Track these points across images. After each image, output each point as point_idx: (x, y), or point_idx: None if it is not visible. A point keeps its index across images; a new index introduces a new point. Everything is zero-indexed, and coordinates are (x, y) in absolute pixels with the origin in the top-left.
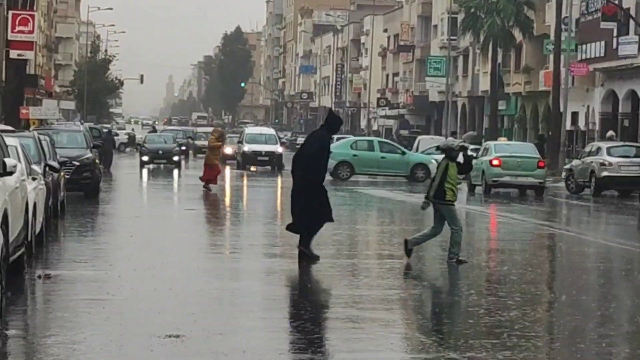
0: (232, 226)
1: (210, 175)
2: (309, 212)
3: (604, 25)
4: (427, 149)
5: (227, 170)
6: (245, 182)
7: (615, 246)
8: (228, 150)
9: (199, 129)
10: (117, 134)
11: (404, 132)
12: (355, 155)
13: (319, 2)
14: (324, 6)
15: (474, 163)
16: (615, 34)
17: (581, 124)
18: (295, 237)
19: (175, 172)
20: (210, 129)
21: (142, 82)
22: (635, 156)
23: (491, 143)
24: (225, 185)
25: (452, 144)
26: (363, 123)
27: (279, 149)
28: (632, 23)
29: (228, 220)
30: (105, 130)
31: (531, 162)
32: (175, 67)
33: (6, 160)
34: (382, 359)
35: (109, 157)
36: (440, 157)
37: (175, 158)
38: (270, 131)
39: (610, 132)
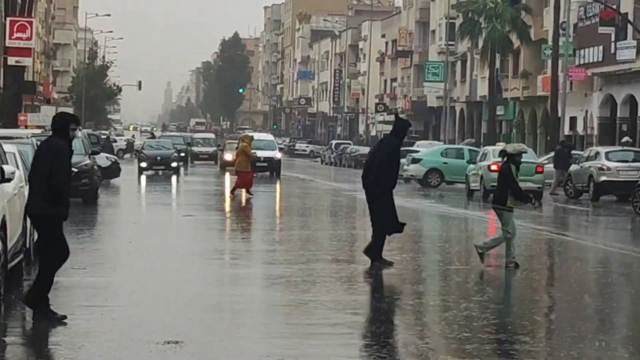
0: (231, 232)
1: (245, 180)
2: (379, 221)
3: (601, 30)
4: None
5: (227, 176)
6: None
7: (615, 251)
8: (228, 156)
9: (197, 135)
10: (115, 140)
11: None
12: (445, 163)
13: (316, 7)
14: (321, 12)
15: (471, 168)
16: (613, 38)
17: (579, 128)
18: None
19: (174, 178)
20: (209, 135)
21: (140, 88)
22: (634, 161)
23: (489, 148)
24: (224, 191)
25: (520, 149)
26: (361, 128)
27: (277, 154)
28: (630, 28)
29: (227, 226)
30: (103, 136)
31: (529, 167)
32: (173, 74)
33: (4, 167)
34: None
35: None
36: None
37: (174, 164)
38: (269, 137)
39: (626, 138)
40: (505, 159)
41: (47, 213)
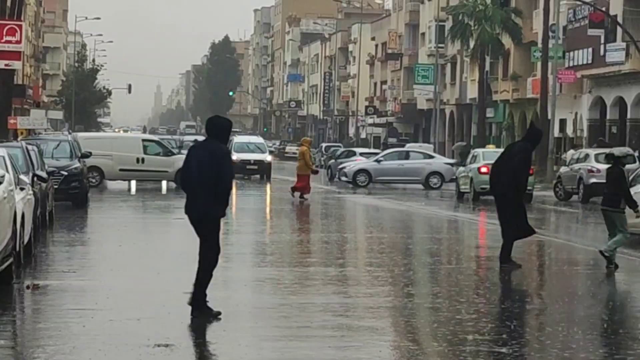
0: (221, 235)
1: (304, 183)
2: (510, 225)
3: (591, 32)
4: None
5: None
6: (234, 190)
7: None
8: None
9: (186, 138)
10: None
11: (392, 140)
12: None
13: (306, 10)
14: (311, 15)
15: (461, 170)
16: (602, 41)
17: (569, 130)
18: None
19: (164, 181)
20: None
21: (130, 91)
22: None
23: (479, 150)
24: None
25: (627, 151)
26: (351, 131)
27: (267, 157)
28: (619, 30)
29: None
30: None
31: None
32: (163, 77)
33: None
34: None
35: None
36: None
37: None
38: (259, 140)
39: (600, 139)
40: (613, 162)
41: (214, 215)
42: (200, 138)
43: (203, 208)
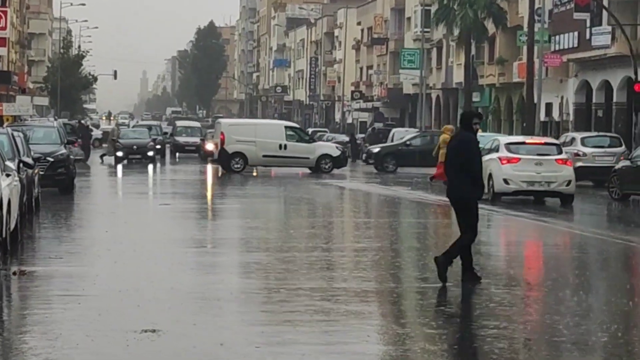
0: (207, 220)
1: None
2: None
3: (577, 16)
4: None
5: (209, 167)
6: (223, 177)
7: (591, 236)
8: (209, 146)
9: (180, 123)
10: (91, 130)
11: (379, 125)
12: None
13: None
14: (297, 0)
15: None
16: (588, 24)
17: (555, 114)
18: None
19: (150, 167)
20: (194, 124)
21: (115, 77)
22: (610, 146)
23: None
24: (205, 181)
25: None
26: (337, 116)
27: None
28: (605, 13)
29: (203, 214)
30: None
31: None
32: (149, 62)
33: None
34: (359, 352)
35: (86, 152)
36: None
37: (150, 153)
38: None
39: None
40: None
41: (469, 196)
42: (185, 123)
43: (457, 191)
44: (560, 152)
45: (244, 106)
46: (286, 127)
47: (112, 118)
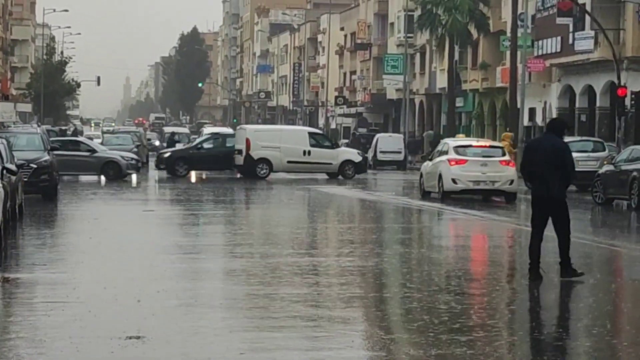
0: (191, 227)
1: None
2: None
3: (559, 20)
4: None
5: (192, 173)
6: (206, 183)
7: (574, 241)
8: None
9: (168, 130)
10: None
11: (362, 130)
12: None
13: (275, 1)
14: (280, 5)
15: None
16: (571, 29)
17: (539, 119)
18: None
19: (134, 175)
20: (182, 130)
21: (99, 83)
22: (593, 151)
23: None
24: (189, 186)
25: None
26: (321, 122)
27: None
28: (587, 18)
29: (188, 220)
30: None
31: None
32: (132, 69)
33: None
34: (344, 357)
35: None
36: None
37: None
38: (229, 131)
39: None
40: None
41: (564, 196)
42: (181, 130)
43: (556, 190)
44: (503, 154)
45: (227, 112)
46: (310, 133)
47: (92, 125)
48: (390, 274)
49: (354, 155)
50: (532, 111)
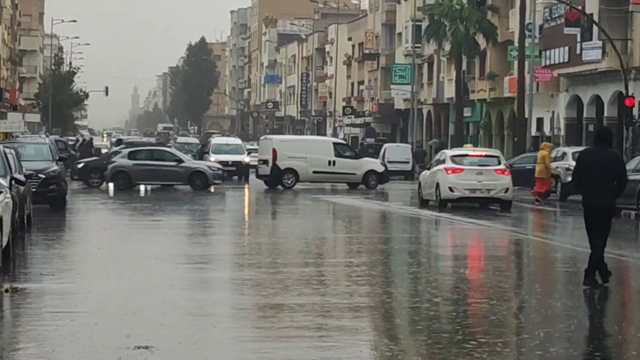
0: (200, 237)
1: (542, 186)
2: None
3: (567, 31)
4: None
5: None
6: (212, 192)
7: (582, 250)
8: (246, 160)
9: (218, 141)
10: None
11: (370, 140)
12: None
13: (283, 11)
14: (288, 15)
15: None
16: (578, 39)
17: (546, 129)
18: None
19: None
20: (236, 141)
21: (107, 94)
22: None
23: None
24: (195, 197)
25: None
26: (329, 132)
27: (245, 158)
28: (595, 28)
29: (196, 230)
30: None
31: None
32: (140, 79)
33: None
34: None
35: None
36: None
37: None
38: (237, 141)
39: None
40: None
41: (613, 205)
42: (222, 140)
43: (604, 198)
44: (499, 163)
45: (235, 122)
46: (334, 143)
47: (104, 135)
48: (398, 283)
49: (377, 165)
50: (539, 121)
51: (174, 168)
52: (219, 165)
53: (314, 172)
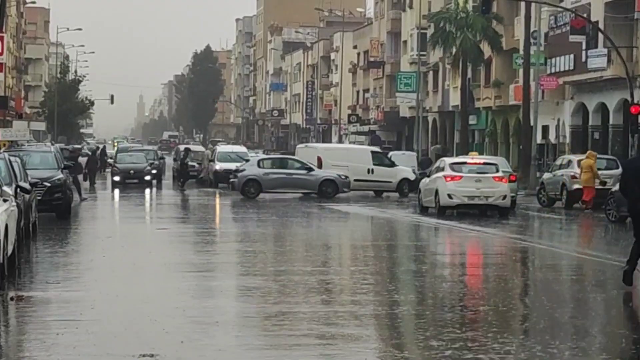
0: (204, 244)
1: (588, 197)
2: None
3: (572, 38)
4: None
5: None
6: (217, 200)
7: (588, 259)
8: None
9: (223, 149)
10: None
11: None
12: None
13: (288, 19)
14: (293, 23)
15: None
16: (584, 47)
17: (552, 137)
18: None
19: (147, 191)
20: (241, 149)
21: (112, 102)
22: (606, 168)
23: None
24: (195, 204)
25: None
26: (334, 139)
27: None
28: (600, 36)
29: (201, 238)
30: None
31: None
32: (145, 87)
33: None
34: None
35: (92, 175)
36: None
37: (147, 177)
38: (242, 149)
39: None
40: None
41: None
42: (228, 149)
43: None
44: (497, 171)
45: (240, 130)
46: (372, 152)
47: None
48: (403, 292)
49: (410, 173)
50: (545, 129)
51: (305, 177)
52: (346, 174)
53: (355, 180)
